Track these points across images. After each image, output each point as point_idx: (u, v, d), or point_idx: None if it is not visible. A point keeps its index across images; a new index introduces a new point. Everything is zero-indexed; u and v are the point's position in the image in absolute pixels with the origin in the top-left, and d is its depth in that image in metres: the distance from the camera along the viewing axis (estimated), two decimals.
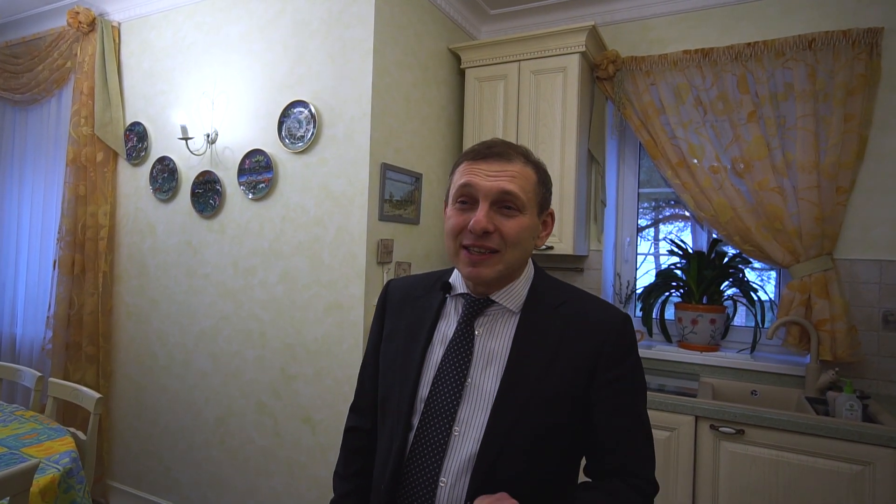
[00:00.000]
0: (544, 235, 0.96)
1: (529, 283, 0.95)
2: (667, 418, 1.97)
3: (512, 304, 0.92)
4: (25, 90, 3.17)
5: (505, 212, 0.88)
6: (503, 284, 0.93)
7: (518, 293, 0.93)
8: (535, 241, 0.94)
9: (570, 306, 0.92)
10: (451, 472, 0.86)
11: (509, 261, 0.89)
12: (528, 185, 0.89)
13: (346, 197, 2.18)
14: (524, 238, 0.89)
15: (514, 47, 2.56)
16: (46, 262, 3.09)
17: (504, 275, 0.90)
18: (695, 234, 2.76)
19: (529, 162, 0.92)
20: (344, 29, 2.22)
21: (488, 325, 0.92)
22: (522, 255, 0.91)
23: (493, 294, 0.92)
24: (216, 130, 2.52)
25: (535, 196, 0.90)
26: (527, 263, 0.96)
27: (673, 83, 2.50)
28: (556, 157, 2.46)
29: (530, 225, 0.90)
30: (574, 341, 0.88)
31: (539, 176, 0.92)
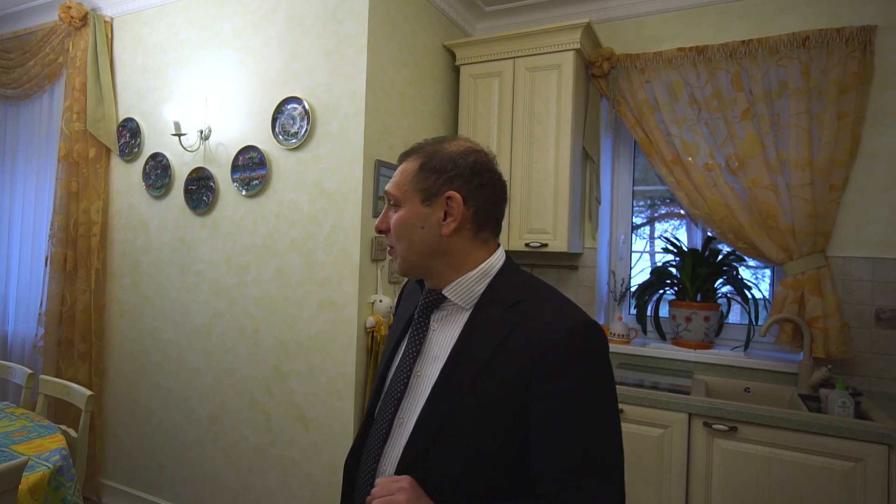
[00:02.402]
0: (449, 222, 0.87)
1: (488, 279, 0.90)
2: (660, 415, 1.97)
3: (461, 300, 0.90)
4: (17, 85, 3.14)
5: (393, 209, 0.92)
6: (435, 276, 0.91)
7: (468, 289, 0.89)
8: (428, 230, 0.88)
9: (523, 307, 0.85)
10: (389, 460, 0.88)
11: (402, 254, 0.90)
12: (405, 178, 0.90)
13: (340, 194, 2.17)
14: (406, 230, 0.89)
15: (508, 44, 2.56)
16: (38, 258, 3.06)
17: (409, 266, 0.91)
18: (690, 232, 2.76)
19: (419, 153, 0.91)
20: (338, 25, 2.21)
21: (444, 320, 0.92)
22: (414, 246, 0.89)
23: (444, 289, 0.91)
24: (210, 127, 2.50)
25: (414, 185, 0.89)
26: (465, 256, 0.90)
27: (667, 81, 2.50)
28: (551, 155, 2.46)
29: (409, 216, 0.89)
30: (519, 347, 0.81)
31: (423, 162, 0.89)
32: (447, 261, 0.90)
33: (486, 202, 0.89)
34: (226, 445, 2.44)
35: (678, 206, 2.77)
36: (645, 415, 1.99)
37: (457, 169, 0.88)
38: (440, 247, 0.89)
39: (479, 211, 0.89)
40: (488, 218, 0.91)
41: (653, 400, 1.98)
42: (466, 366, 0.84)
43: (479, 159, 0.90)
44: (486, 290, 0.89)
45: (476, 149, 0.92)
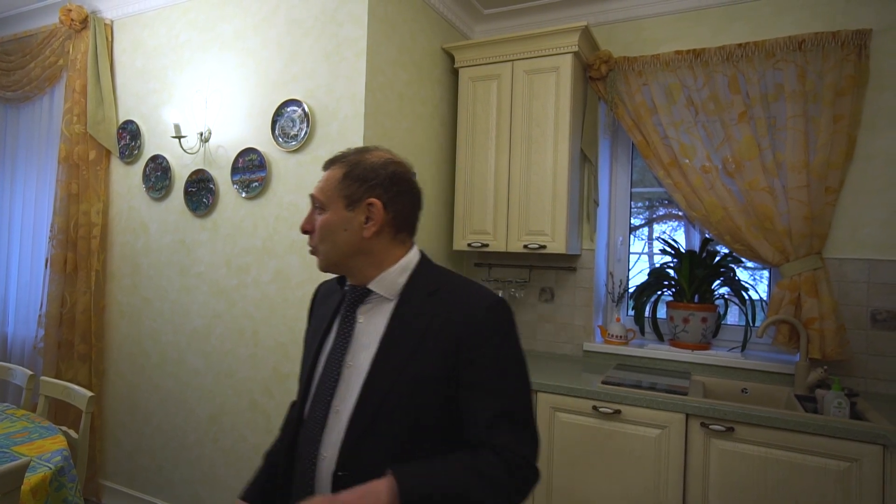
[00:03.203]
0: (370, 225, 0.97)
1: (408, 272, 1.00)
2: (657, 416, 1.98)
3: (386, 291, 0.99)
4: (17, 88, 3.15)
5: (318, 212, 1.00)
6: (356, 273, 1.01)
7: (392, 282, 0.99)
8: (351, 232, 0.97)
9: (443, 293, 0.97)
10: (329, 445, 0.95)
11: (325, 253, 0.99)
12: (330, 185, 0.99)
13: None
14: (330, 231, 0.98)
15: (507, 47, 2.57)
16: (38, 260, 3.07)
17: (330, 264, 1.01)
18: (688, 234, 2.78)
19: (343, 162, 1.00)
20: (338, 27, 2.22)
21: (370, 312, 1.00)
22: (337, 246, 0.98)
23: (369, 284, 1.00)
24: (209, 129, 2.52)
25: (339, 191, 0.98)
26: (385, 255, 0.99)
27: (665, 83, 2.52)
28: (549, 157, 2.48)
29: (334, 219, 0.98)
30: (442, 325, 0.93)
31: (346, 171, 0.98)
32: (368, 259, 0.99)
33: (403, 208, 1.00)
34: (225, 446, 2.44)
35: (676, 208, 2.78)
36: (643, 415, 2.00)
37: (377, 178, 0.97)
38: (361, 247, 0.98)
39: (398, 216, 0.99)
40: (406, 222, 1.01)
41: (650, 401, 1.99)
42: (398, 349, 0.94)
43: (398, 170, 1.00)
44: (407, 281, 1.00)
45: (395, 160, 1.02)
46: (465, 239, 2.66)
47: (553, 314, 2.79)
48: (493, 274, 2.92)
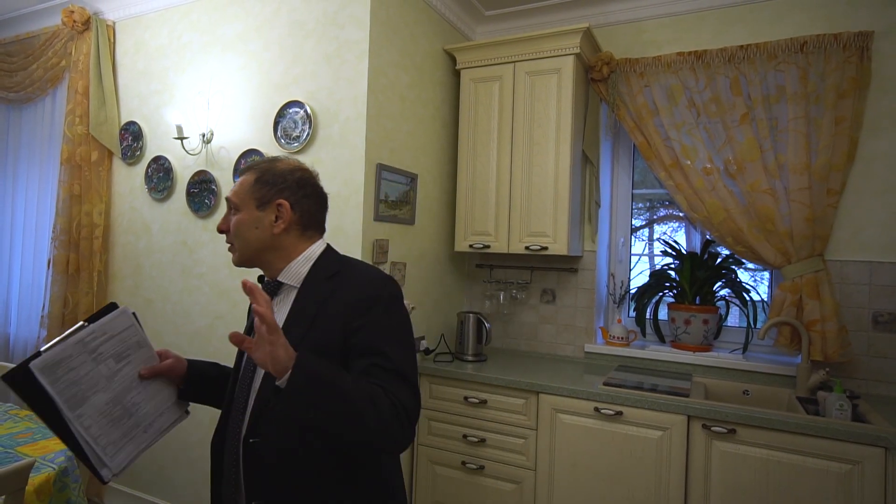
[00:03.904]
0: (279, 223, 1.08)
1: (311, 262, 1.11)
2: (659, 418, 1.98)
3: (292, 280, 1.10)
4: (20, 89, 3.15)
5: (233, 213, 1.11)
6: (268, 266, 1.11)
7: (296, 271, 1.10)
8: (262, 230, 1.08)
9: (340, 275, 1.08)
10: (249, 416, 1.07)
11: (240, 249, 1.10)
12: (243, 189, 1.10)
13: (342, 197, 2.19)
14: (242, 230, 1.09)
15: (509, 48, 2.58)
16: (40, 261, 3.08)
17: (245, 259, 1.11)
18: (689, 235, 2.78)
19: (255, 169, 1.12)
20: (339, 30, 2.23)
21: (281, 302, 1.11)
22: (249, 243, 1.09)
23: (279, 276, 1.11)
24: (211, 130, 2.52)
25: (251, 194, 1.09)
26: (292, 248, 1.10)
27: (666, 85, 2.52)
28: (551, 158, 2.48)
29: (246, 219, 1.08)
30: (335, 303, 1.04)
31: (257, 177, 1.10)
32: (278, 254, 1.10)
33: (309, 208, 1.12)
34: None
35: (676, 209, 2.79)
36: (644, 417, 2.01)
37: (286, 182, 1.10)
38: (271, 243, 1.09)
39: (304, 215, 1.11)
40: (312, 220, 1.13)
41: (652, 402, 1.99)
42: (298, 325, 1.04)
43: (304, 175, 1.14)
44: (310, 269, 1.10)
45: (302, 167, 1.15)
46: (466, 240, 2.67)
47: (554, 315, 2.80)
48: (494, 275, 2.92)
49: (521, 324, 2.88)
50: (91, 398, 0.91)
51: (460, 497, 2.33)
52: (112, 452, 0.94)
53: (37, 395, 0.88)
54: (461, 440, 2.34)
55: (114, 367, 1.00)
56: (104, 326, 0.99)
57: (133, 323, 1.06)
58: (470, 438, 2.31)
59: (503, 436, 2.25)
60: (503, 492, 2.24)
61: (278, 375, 0.88)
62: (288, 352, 0.89)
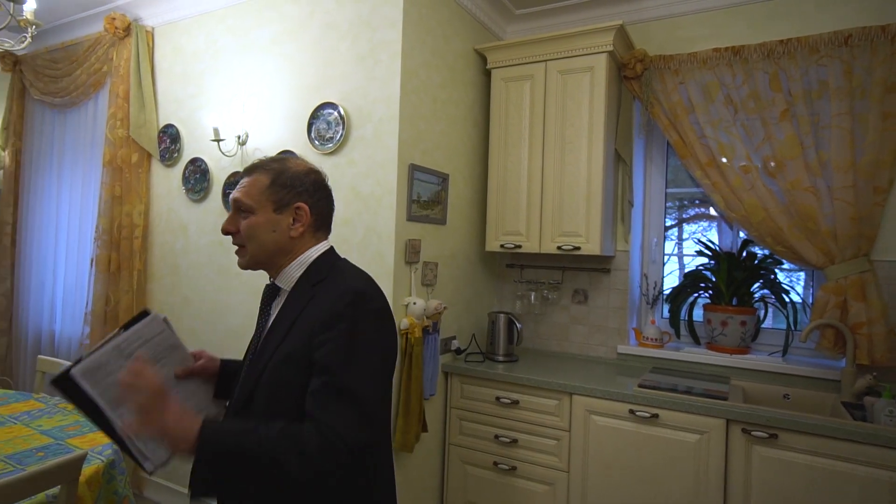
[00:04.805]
0: (297, 226, 1.08)
1: (304, 266, 1.10)
2: (697, 421, 1.95)
3: (285, 284, 1.11)
4: (64, 94, 3.27)
5: (242, 215, 1.08)
6: (276, 270, 1.11)
7: (290, 275, 1.10)
8: (279, 233, 1.08)
9: (323, 283, 1.06)
10: None
11: (253, 252, 1.09)
12: (255, 190, 1.08)
13: (375, 198, 2.21)
14: (258, 233, 1.07)
15: (540, 47, 2.56)
16: (84, 260, 3.18)
17: (256, 262, 1.10)
18: (721, 234, 2.72)
19: (266, 170, 1.09)
20: (372, 31, 2.25)
21: (277, 304, 1.12)
22: (264, 245, 1.08)
23: (275, 279, 1.11)
24: (247, 132, 2.57)
25: (267, 196, 1.07)
26: (297, 251, 1.10)
27: (702, 82, 2.47)
28: (584, 158, 2.45)
29: (262, 221, 1.07)
30: (310, 312, 1.02)
31: (273, 179, 1.08)
32: (291, 257, 1.10)
33: (322, 210, 1.13)
34: None
35: (707, 208, 2.73)
36: (681, 420, 1.97)
37: (303, 185, 1.09)
38: (287, 246, 1.09)
39: (318, 217, 1.12)
40: (324, 222, 1.14)
41: (689, 405, 1.95)
42: (278, 331, 1.05)
43: (318, 178, 1.13)
44: (302, 274, 1.09)
45: (315, 169, 1.15)
46: (497, 240, 2.66)
47: (586, 316, 2.77)
48: (525, 275, 2.91)
49: (553, 324, 2.85)
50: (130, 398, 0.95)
51: (492, 498, 2.32)
52: (153, 447, 0.99)
53: (81, 397, 0.94)
54: (493, 440, 2.33)
55: None
56: (138, 332, 1.04)
57: (165, 328, 1.10)
58: (502, 439, 2.30)
59: (536, 437, 2.24)
60: (536, 493, 2.23)
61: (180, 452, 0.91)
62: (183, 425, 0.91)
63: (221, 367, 1.23)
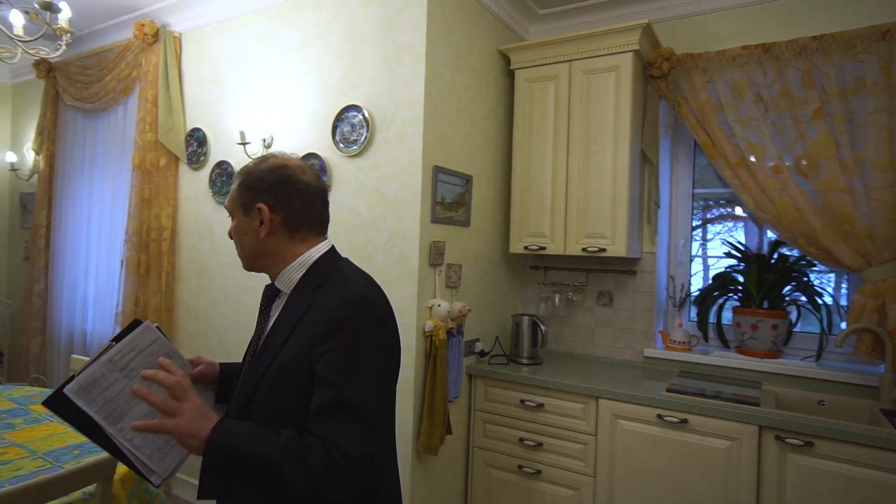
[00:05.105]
0: (262, 228, 1.04)
1: (305, 268, 1.06)
2: (728, 427, 1.90)
3: (285, 286, 1.08)
4: (95, 99, 3.35)
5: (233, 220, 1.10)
6: (274, 272, 1.09)
7: (289, 278, 1.07)
8: (251, 236, 1.06)
9: (324, 287, 1.03)
10: None
11: (239, 255, 1.11)
12: (232, 195, 1.08)
13: (399, 200, 2.21)
14: (238, 236, 1.09)
15: (564, 47, 2.54)
16: (114, 261, 3.25)
17: (247, 265, 1.10)
18: (747, 235, 2.66)
19: (240, 172, 1.09)
20: (397, 34, 2.25)
21: (277, 306, 1.10)
22: (244, 249, 1.08)
23: (275, 281, 1.09)
24: (272, 135, 2.60)
25: (238, 200, 1.07)
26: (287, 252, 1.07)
27: (731, 80, 2.42)
28: (609, 158, 2.42)
29: (237, 225, 1.08)
30: (309, 319, 0.99)
31: (241, 181, 1.07)
32: (272, 259, 1.07)
33: (293, 208, 1.05)
34: None
35: (732, 208, 2.68)
36: (711, 426, 1.93)
37: (263, 184, 1.05)
38: (261, 248, 1.06)
39: (288, 216, 1.05)
40: (300, 220, 1.07)
41: (720, 410, 1.91)
42: (278, 336, 1.02)
43: (283, 174, 1.05)
44: (302, 276, 1.06)
45: (282, 164, 1.07)
46: (521, 242, 2.64)
47: (612, 319, 2.73)
48: (548, 277, 2.88)
49: (577, 326, 2.82)
50: (129, 412, 0.93)
51: (517, 501, 2.31)
52: (158, 459, 0.96)
53: (77, 415, 0.91)
54: (517, 444, 2.31)
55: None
56: (130, 343, 1.00)
57: (159, 336, 1.06)
58: (527, 442, 2.28)
59: (561, 440, 2.22)
60: (561, 497, 2.20)
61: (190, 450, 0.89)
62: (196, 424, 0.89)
63: (221, 372, 1.20)
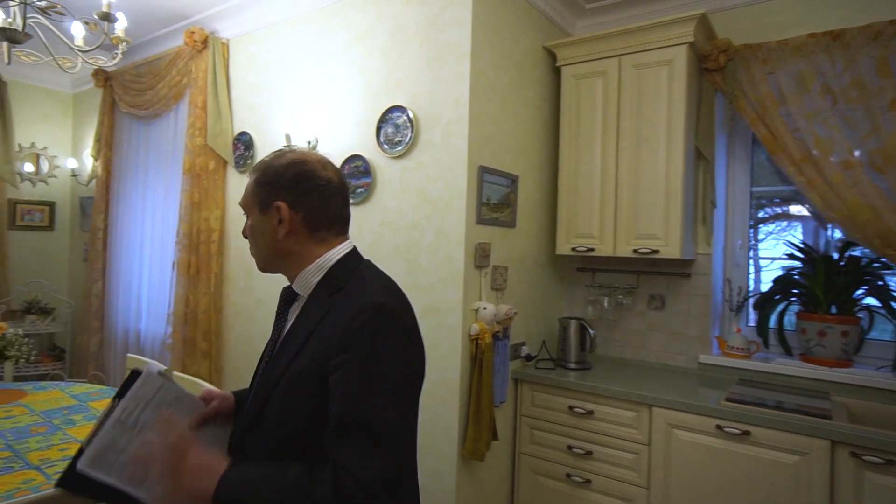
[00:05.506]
0: (281, 227, 0.98)
1: (324, 271, 0.99)
2: (795, 441, 1.78)
3: (302, 290, 1.01)
4: (148, 106, 3.47)
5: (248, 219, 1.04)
6: (291, 274, 1.02)
7: (306, 281, 1.00)
8: (268, 236, 0.99)
9: (342, 293, 0.95)
10: None
11: (255, 255, 1.03)
12: (247, 192, 1.02)
13: (444, 201, 2.18)
14: (254, 235, 1.02)
15: (613, 42, 2.45)
16: (166, 263, 3.35)
17: (263, 266, 1.04)
18: (805, 236, 2.51)
19: (255, 169, 1.02)
20: (440, 33, 2.22)
21: (294, 311, 1.03)
22: (260, 249, 1.02)
23: (293, 284, 1.02)
24: (316, 138, 2.61)
25: (254, 198, 1.00)
26: (305, 254, 1.00)
27: (795, 70, 2.27)
28: (662, 156, 2.32)
29: (254, 224, 1.01)
30: (325, 326, 0.92)
31: (257, 177, 1.00)
32: (291, 260, 1.00)
33: (313, 206, 0.99)
34: None
35: (786, 207, 2.53)
36: (777, 439, 1.81)
37: (281, 181, 0.98)
38: (280, 249, 1.00)
39: (308, 215, 0.99)
40: (320, 219, 1.00)
41: (787, 423, 1.79)
42: (292, 345, 0.96)
43: (302, 169, 0.99)
44: (321, 280, 0.99)
45: (301, 160, 1.00)
46: (568, 243, 2.56)
47: (664, 323, 2.62)
48: (597, 279, 2.79)
49: (627, 331, 2.72)
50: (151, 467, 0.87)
51: None
52: None
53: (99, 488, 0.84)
54: (566, 451, 2.24)
55: None
56: (135, 398, 0.93)
57: (163, 382, 0.98)
58: (576, 450, 2.21)
59: (612, 449, 2.14)
60: None
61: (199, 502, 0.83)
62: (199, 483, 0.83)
63: (237, 402, 1.12)
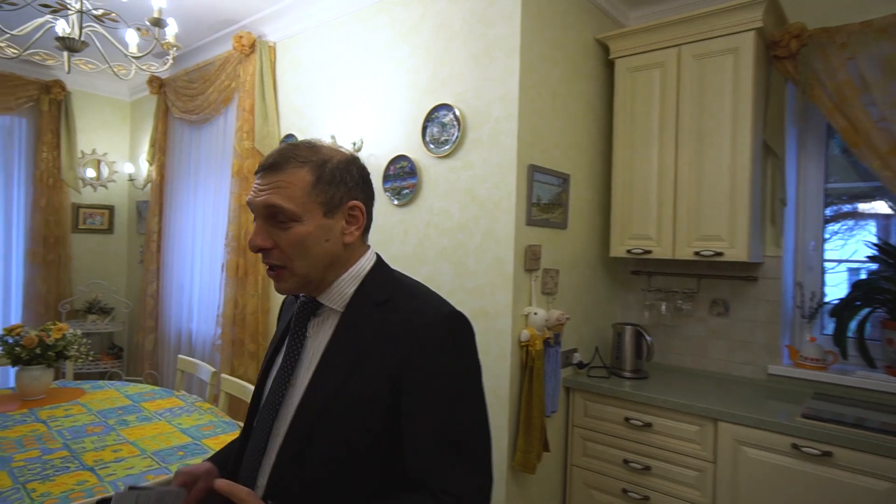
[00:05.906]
0: (354, 230, 0.89)
1: (359, 280, 0.90)
2: (885, 465, 1.60)
3: (336, 303, 0.90)
4: (199, 111, 3.54)
5: (280, 225, 0.85)
6: (324, 286, 0.90)
7: (342, 292, 0.90)
8: (332, 242, 0.87)
9: (392, 304, 0.87)
10: (265, 472, 0.86)
11: (301, 272, 0.86)
12: (298, 191, 0.84)
13: (492, 201, 2.10)
14: (308, 246, 0.85)
15: (672, 31, 2.30)
16: (216, 264, 3.41)
17: (306, 283, 0.88)
18: (881, 235, 2.29)
19: (304, 162, 0.86)
20: (487, 27, 2.14)
21: (318, 326, 0.91)
22: (317, 261, 0.87)
23: (319, 296, 0.90)
24: (361, 138, 2.58)
25: (313, 198, 0.85)
26: (349, 261, 0.90)
27: (879, 55, 2.07)
28: (726, 151, 2.16)
29: (311, 231, 0.85)
30: (386, 342, 0.83)
31: (317, 174, 0.86)
32: (335, 270, 0.90)
33: (371, 208, 0.94)
34: None
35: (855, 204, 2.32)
36: (864, 462, 1.64)
37: (352, 178, 0.89)
38: (340, 256, 0.89)
39: (369, 218, 0.94)
40: (370, 221, 0.94)
41: (875, 444, 1.62)
42: (336, 367, 0.84)
43: (359, 164, 0.92)
44: (356, 290, 0.89)
45: (353, 155, 0.93)
46: (623, 245, 2.43)
47: (728, 330, 2.44)
48: (653, 283, 2.64)
49: (687, 338, 2.56)
50: None
51: None
52: None
53: None
54: (622, 465, 2.12)
55: None
56: None
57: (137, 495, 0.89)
58: (633, 465, 2.08)
59: (673, 465, 2.00)
60: None
61: None
62: None
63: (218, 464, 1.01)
